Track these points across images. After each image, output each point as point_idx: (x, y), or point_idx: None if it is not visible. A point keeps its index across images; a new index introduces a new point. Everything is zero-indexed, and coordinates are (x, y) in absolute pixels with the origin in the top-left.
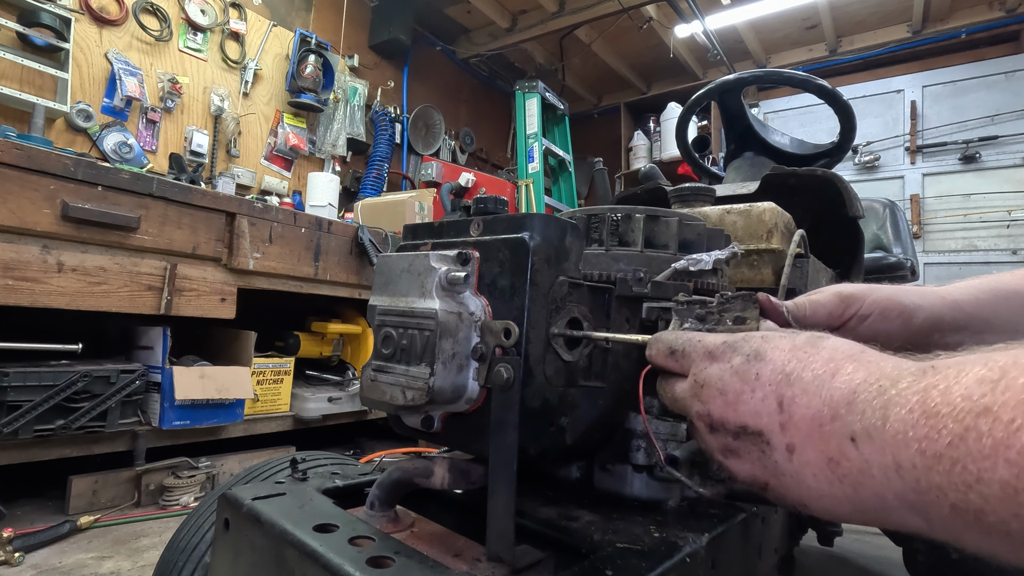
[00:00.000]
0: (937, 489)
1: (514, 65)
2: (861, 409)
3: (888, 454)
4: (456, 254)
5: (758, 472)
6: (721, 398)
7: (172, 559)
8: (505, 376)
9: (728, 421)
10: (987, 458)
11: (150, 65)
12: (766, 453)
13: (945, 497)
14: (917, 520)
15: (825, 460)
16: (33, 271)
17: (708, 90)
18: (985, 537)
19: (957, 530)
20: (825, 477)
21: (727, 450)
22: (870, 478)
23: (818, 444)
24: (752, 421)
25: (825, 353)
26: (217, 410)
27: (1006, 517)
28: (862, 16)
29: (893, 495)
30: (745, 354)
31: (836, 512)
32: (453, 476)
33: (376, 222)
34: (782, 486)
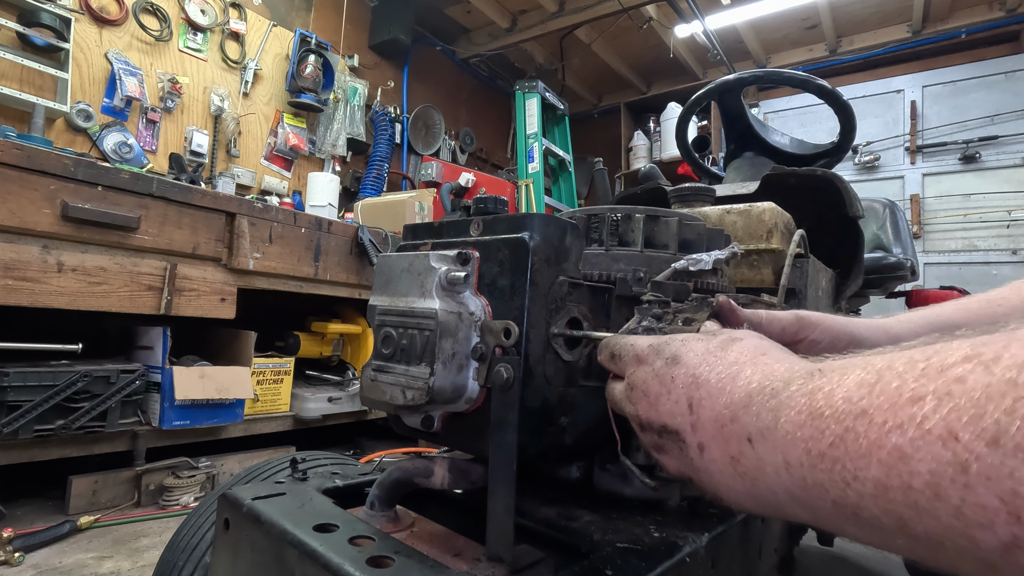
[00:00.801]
0: (820, 486)
1: (514, 65)
2: (756, 411)
3: (779, 453)
4: (456, 254)
5: (682, 467)
6: (645, 400)
7: (172, 559)
8: (505, 376)
9: (652, 421)
10: (862, 457)
11: (150, 65)
12: (683, 450)
13: (827, 494)
14: (805, 514)
15: (728, 458)
16: (33, 271)
17: (708, 90)
18: (862, 530)
19: (839, 524)
20: (729, 473)
21: (656, 447)
22: (764, 475)
23: (721, 443)
24: (670, 421)
25: (731, 356)
26: (217, 410)
27: (878, 513)
28: (862, 16)
29: (783, 491)
30: (665, 358)
31: (742, 505)
32: (453, 476)
33: (376, 222)
34: (700, 480)
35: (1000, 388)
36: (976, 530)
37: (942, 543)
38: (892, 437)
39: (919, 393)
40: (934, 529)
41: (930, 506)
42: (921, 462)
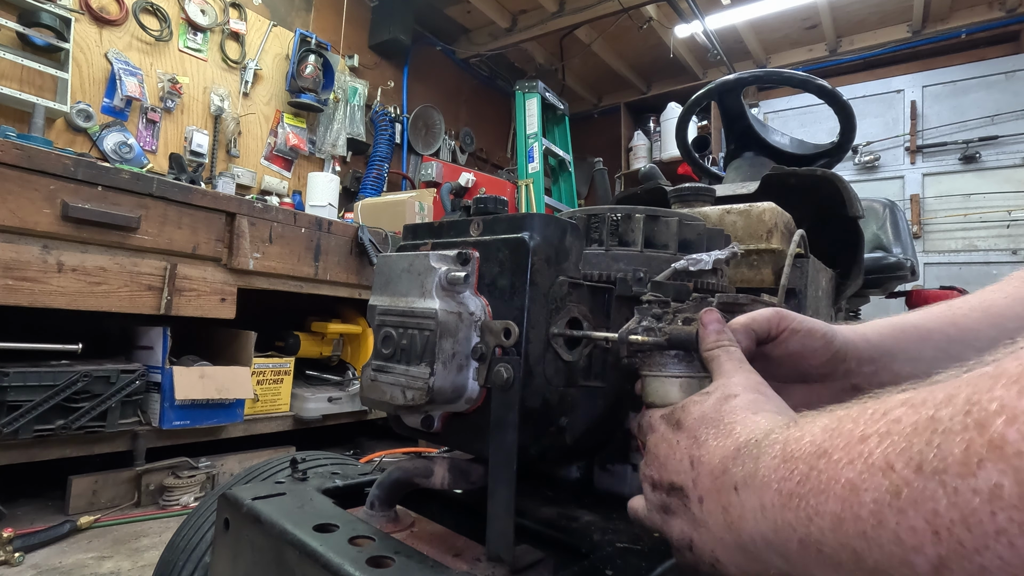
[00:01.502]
0: (788, 526)
1: (514, 65)
2: (742, 461)
3: (757, 497)
4: (456, 254)
5: (685, 526)
6: (656, 462)
7: (172, 559)
8: (505, 376)
9: (663, 480)
10: (822, 492)
11: (150, 65)
12: (688, 506)
13: (794, 533)
14: (778, 560)
15: (720, 508)
16: (33, 271)
17: (708, 90)
18: (824, 569)
19: (807, 566)
20: (722, 524)
21: (664, 508)
22: (745, 522)
23: (715, 494)
24: (676, 478)
25: (726, 416)
26: (217, 410)
27: (836, 547)
28: (862, 16)
29: (760, 536)
30: (671, 424)
31: (735, 562)
32: (453, 476)
33: (376, 222)
34: (700, 538)
35: (924, 424)
36: (911, 554)
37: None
38: (845, 471)
39: (867, 433)
40: (880, 560)
41: (875, 534)
42: (867, 492)
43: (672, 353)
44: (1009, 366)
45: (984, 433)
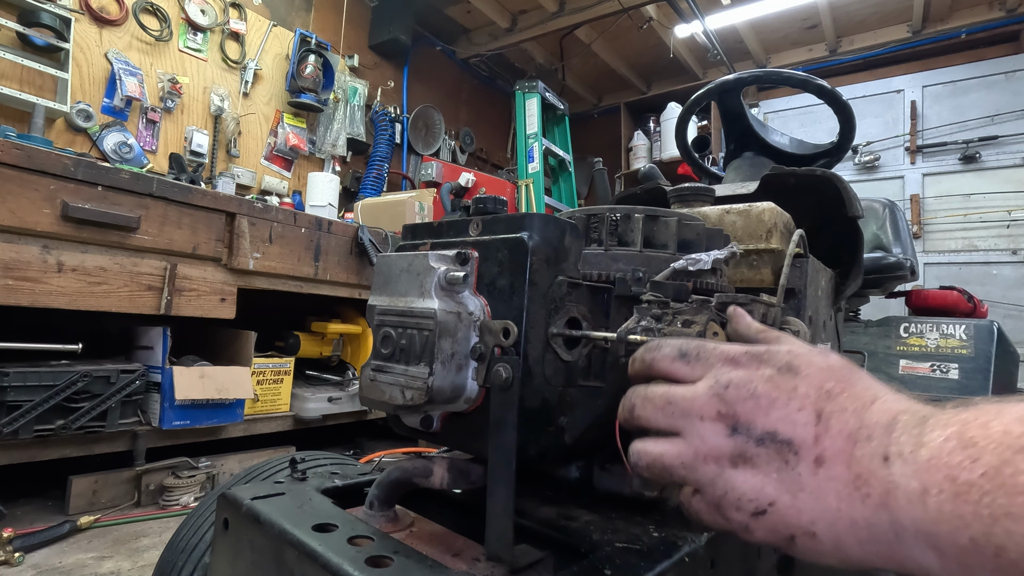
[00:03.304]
0: (960, 519)
1: (514, 65)
2: (899, 433)
3: (917, 478)
4: (455, 254)
5: (770, 485)
6: (752, 401)
7: (172, 559)
8: (504, 376)
9: (755, 424)
10: (1021, 494)
11: (150, 65)
12: (790, 463)
13: (967, 528)
14: (928, 554)
15: (852, 476)
16: (33, 271)
17: (708, 90)
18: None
19: (970, 566)
20: (847, 494)
21: (740, 456)
22: (893, 500)
23: (849, 460)
24: (784, 428)
25: (865, 380)
26: (217, 410)
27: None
28: (862, 16)
29: (911, 522)
30: (777, 366)
31: (842, 540)
32: (452, 476)
33: (376, 222)
34: (795, 504)
35: None
36: None
37: None
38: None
39: None
40: None
41: None
42: None
43: None
44: None
45: None
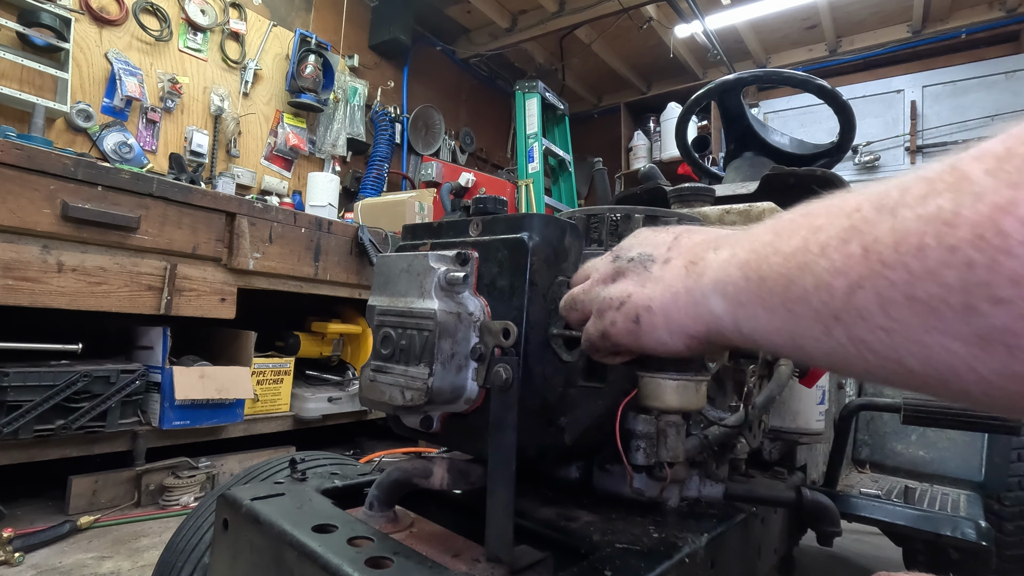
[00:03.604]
0: (746, 265)
1: (514, 65)
2: (734, 236)
3: (730, 249)
4: (455, 254)
5: (631, 284)
6: (632, 239)
7: (172, 559)
8: (504, 376)
9: (630, 252)
10: (792, 235)
11: (150, 65)
12: (647, 268)
13: (747, 269)
14: (719, 301)
15: (686, 263)
16: (33, 271)
17: (708, 90)
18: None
19: (741, 300)
20: (681, 275)
21: (616, 274)
22: (709, 269)
23: (686, 255)
24: (647, 249)
25: (713, 231)
26: (217, 410)
27: (775, 277)
28: (862, 16)
29: (713, 281)
30: (657, 229)
31: (669, 309)
32: (452, 476)
33: (376, 222)
34: (643, 292)
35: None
36: (835, 278)
37: (808, 300)
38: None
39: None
40: (806, 286)
41: (814, 262)
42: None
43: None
44: (994, 145)
45: (955, 174)
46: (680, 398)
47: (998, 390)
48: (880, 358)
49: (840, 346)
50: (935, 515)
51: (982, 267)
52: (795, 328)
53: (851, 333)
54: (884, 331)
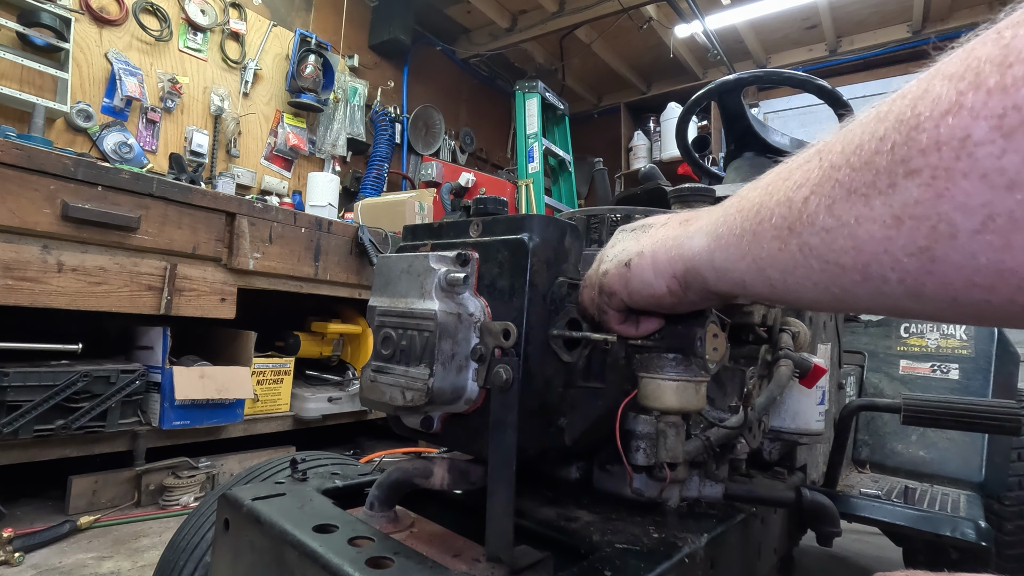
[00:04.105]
0: (726, 213)
1: (514, 65)
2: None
3: (721, 209)
4: (455, 255)
5: (630, 243)
6: (646, 217)
7: (173, 559)
8: (504, 377)
9: (640, 221)
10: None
11: (150, 65)
12: (646, 230)
13: (724, 215)
14: (703, 239)
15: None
16: (33, 271)
17: (708, 90)
18: (729, 236)
19: (727, 238)
20: (673, 228)
21: (620, 239)
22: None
23: (684, 217)
24: (653, 219)
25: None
26: (217, 410)
27: (734, 213)
28: (862, 16)
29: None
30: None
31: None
32: (453, 476)
33: (376, 222)
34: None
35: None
36: (796, 192)
37: (771, 218)
38: (777, 169)
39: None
40: (774, 203)
41: (778, 183)
42: (783, 173)
43: (671, 357)
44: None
45: (898, 93)
46: (680, 399)
47: (910, 275)
48: (822, 262)
49: (791, 258)
50: (935, 515)
51: (901, 145)
52: (757, 249)
53: (801, 241)
54: (826, 231)
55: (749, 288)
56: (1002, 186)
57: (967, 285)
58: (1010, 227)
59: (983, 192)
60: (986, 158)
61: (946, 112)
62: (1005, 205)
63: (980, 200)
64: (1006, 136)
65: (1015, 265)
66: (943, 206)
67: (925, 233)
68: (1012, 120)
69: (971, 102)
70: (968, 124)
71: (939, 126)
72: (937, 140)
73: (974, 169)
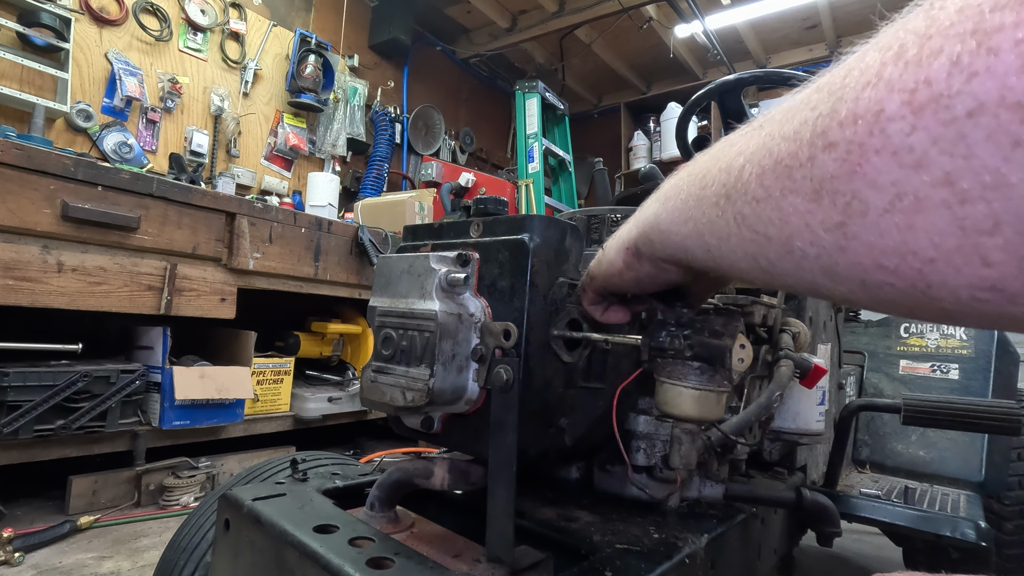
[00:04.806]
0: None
1: (514, 65)
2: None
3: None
4: (456, 255)
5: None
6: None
7: (173, 558)
8: (504, 377)
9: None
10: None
11: (150, 65)
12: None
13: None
14: (653, 206)
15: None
16: (33, 271)
17: (708, 90)
18: (677, 196)
19: (674, 201)
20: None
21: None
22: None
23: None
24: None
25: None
26: (217, 410)
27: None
28: (862, 16)
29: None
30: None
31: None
32: (453, 477)
33: (376, 222)
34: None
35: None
36: (733, 158)
37: (713, 184)
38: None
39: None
40: (717, 169)
41: (724, 149)
42: (727, 143)
43: (696, 365)
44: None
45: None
46: (701, 408)
47: (826, 252)
48: (752, 232)
49: (727, 226)
50: (935, 515)
51: (825, 116)
52: (698, 214)
53: (736, 209)
54: (756, 201)
55: (690, 253)
56: (910, 165)
57: (875, 266)
58: (915, 207)
59: (893, 170)
60: (896, 134)
61: (867, 84)
62: (911, 185)
63: (890, 178)
64: (915, 112)
65: (916, 247)
66: (856, 182)
67: (840, 208)
68: (922, 95)
69: (889, 74)
70: (883, 97)
71: (859, 98)
72: (855, 113)
73: (886, 146)
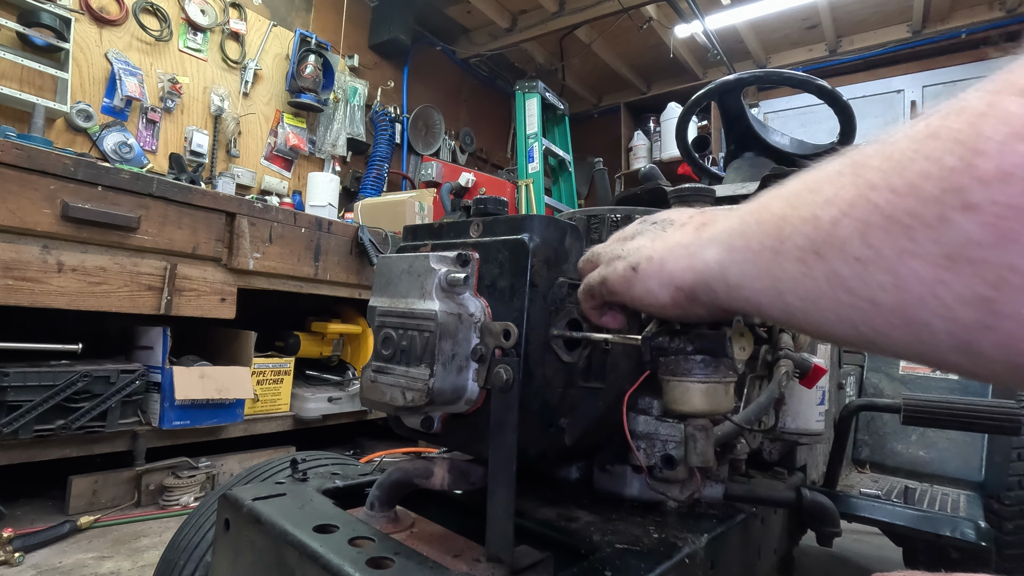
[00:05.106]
0: (748, 214)
1: (514, 65)
2: (740, 208)
3: (737, 214)
4: (456, 255)
5: (644, 240)
6: (668, 212)
7: (173, 558)
8: (504, 377)
9: (656, 220)
10: (777, 197)
11: (150, 65)
12: (664, 229)
13: (747, 218)
14: (716, 250)
15: (697, 226)
16: (33, 271)
17: (708, 90)
18: (753, 242)
19: (742, 252)
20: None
21: (638, 232)
22: (715, 226)
23: (698, 220)
24: (672, 216)
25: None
26: (217, 410)
27: (762, 220)
28: (862, 16)
29: (713, 236)
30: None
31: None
32: (453, 477)
33: (376, 222)
34: (652, 245)
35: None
36: (822, 208)
37: (794, 237)
38: (794, 187)
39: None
40: (799, 219)
41: (792, 208)
42: (802, 192)
43: (698, 359)
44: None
45: (951, 101)
46: (709, 401)
47: (963, 327)
48: (853, 296)
49: (816, 286)
50: (935, 515)
51: (958, 171)
52: (777, 270)
53: (829, 268)
54: (859, 262)
55: (764, 311)
56: None
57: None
58: None
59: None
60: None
61: (1019, 136)
62: None
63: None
64: None
65: None
66: (1011, 253)
67: (989, 282)
68: None
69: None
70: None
71: (1009, 153)
72: (1003, 171)
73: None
